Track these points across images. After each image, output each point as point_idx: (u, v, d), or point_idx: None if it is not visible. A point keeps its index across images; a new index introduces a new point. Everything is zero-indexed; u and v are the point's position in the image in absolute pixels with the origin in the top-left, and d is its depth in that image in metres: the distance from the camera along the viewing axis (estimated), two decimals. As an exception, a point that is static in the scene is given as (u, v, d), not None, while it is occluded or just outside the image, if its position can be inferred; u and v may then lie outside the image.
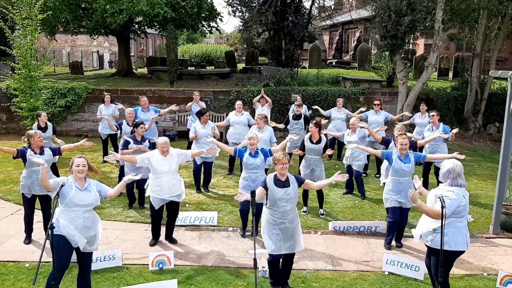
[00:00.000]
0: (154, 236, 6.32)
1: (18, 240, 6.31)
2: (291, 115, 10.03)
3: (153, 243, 6.25)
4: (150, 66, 21.23)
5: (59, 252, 4.30)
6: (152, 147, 7.17)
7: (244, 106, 10.79)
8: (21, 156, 5.93)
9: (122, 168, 7.85)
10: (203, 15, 18.62)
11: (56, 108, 13.36)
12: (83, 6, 17.33)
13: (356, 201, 8.27)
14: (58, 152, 6.33)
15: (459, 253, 4.49)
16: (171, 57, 15.47)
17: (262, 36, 20.31)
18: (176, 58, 16.00)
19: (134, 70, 21.31)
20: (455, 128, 8.53)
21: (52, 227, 3.98)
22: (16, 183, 8.82)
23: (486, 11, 14.00)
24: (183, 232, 6.74)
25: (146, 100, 9.57)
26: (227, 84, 16.27)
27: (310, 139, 7.29)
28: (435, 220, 4.33)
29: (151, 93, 14.16)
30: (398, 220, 6.21)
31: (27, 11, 11.04)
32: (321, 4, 19.67)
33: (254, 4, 17.81)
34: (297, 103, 10.01)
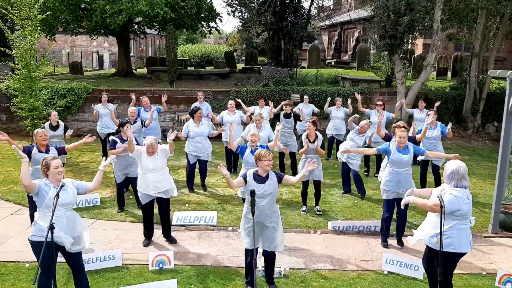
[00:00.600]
0: (146, 235, 6.37)
1: (18, 240, 6.32)
2: (298, 111, 10.62)
3: (146, 243, 6.29)
4: (150, 66, 21.25)
5: (43, 256, 4.02)
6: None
7: (246, 106, 10.97)
8: (26, 153, 5.96)
9: None
10: (203, 15, 18.65)
11: (56, 108, 13.36)
12: (83, 6, 17.35)
13: (355, 200, 8.30)
14: (63, 152, 6.38)
15: (463, 254, 4.49)
16: (170, 57, 15.49)
17: (261, 36, 20.30)
18: (176, 58, 16.02)
19: (134, 70, 21.32)
20: (449, 123, 8.43)
21: (52, 227, 3.99)
22: (16, 183, 8.84)
23: (484, 11, 14.03)
24: (182, 232, 6.77)
25: (148, 100, 9.70)
26: (227, 84, 16.29)
27: (307, 138, 7.34)
28: (439, 225, 4.27)
29: (151, 93, 14.15)
30: (392, 215, 6.31)
31: (26, 12, 11.02)
32: (320, 4, 19.68)
33: (253, 4, 17.81)
34: (286, 102, 10.09)
